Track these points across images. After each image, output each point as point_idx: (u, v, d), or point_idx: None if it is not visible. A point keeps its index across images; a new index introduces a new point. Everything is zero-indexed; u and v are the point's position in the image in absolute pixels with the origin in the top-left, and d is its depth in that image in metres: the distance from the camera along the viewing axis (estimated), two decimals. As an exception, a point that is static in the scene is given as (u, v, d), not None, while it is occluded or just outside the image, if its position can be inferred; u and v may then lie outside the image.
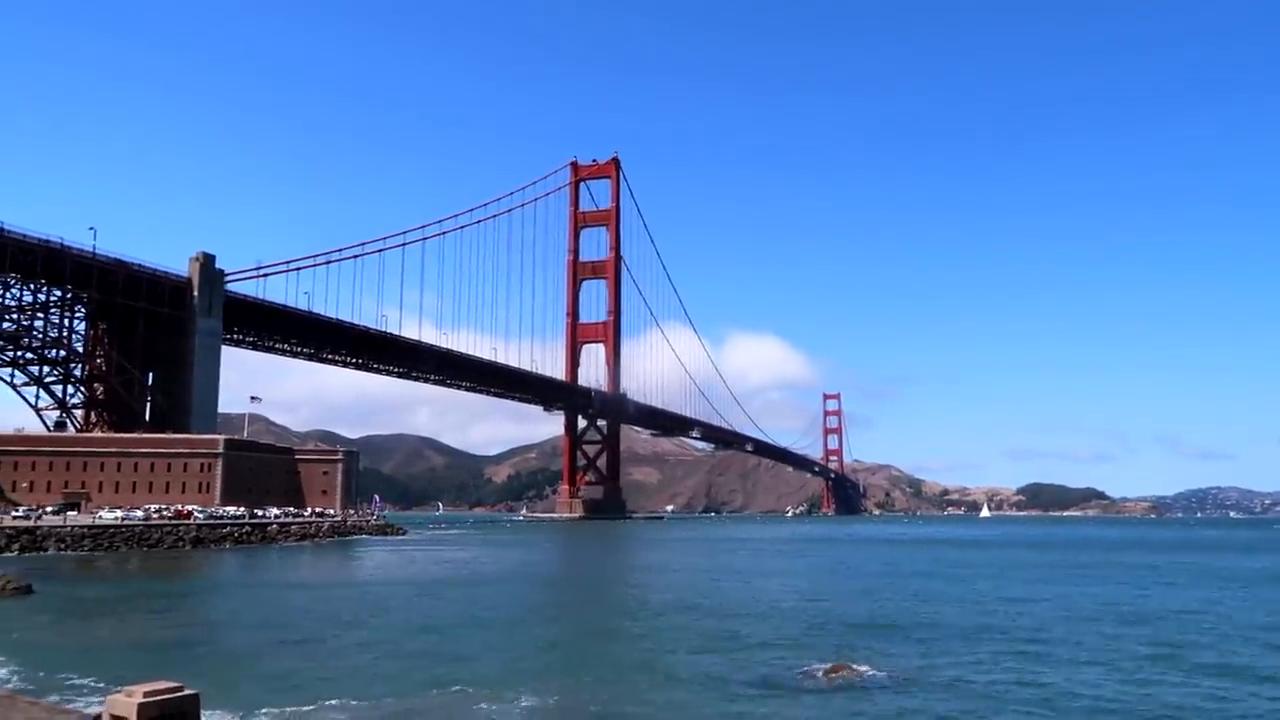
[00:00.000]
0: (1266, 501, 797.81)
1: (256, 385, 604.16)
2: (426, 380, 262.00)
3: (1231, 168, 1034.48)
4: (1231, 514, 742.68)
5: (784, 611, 54.16)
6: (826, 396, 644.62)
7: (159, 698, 14.92)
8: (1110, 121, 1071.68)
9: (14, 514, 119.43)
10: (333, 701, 29.09)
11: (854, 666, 34.44)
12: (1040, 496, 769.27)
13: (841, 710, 28.65)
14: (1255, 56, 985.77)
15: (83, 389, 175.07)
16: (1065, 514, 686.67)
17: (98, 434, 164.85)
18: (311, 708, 28.29)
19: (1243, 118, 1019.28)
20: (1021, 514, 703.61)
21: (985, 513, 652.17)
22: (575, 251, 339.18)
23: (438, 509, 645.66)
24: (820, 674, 33.63)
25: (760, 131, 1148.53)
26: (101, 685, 29.07)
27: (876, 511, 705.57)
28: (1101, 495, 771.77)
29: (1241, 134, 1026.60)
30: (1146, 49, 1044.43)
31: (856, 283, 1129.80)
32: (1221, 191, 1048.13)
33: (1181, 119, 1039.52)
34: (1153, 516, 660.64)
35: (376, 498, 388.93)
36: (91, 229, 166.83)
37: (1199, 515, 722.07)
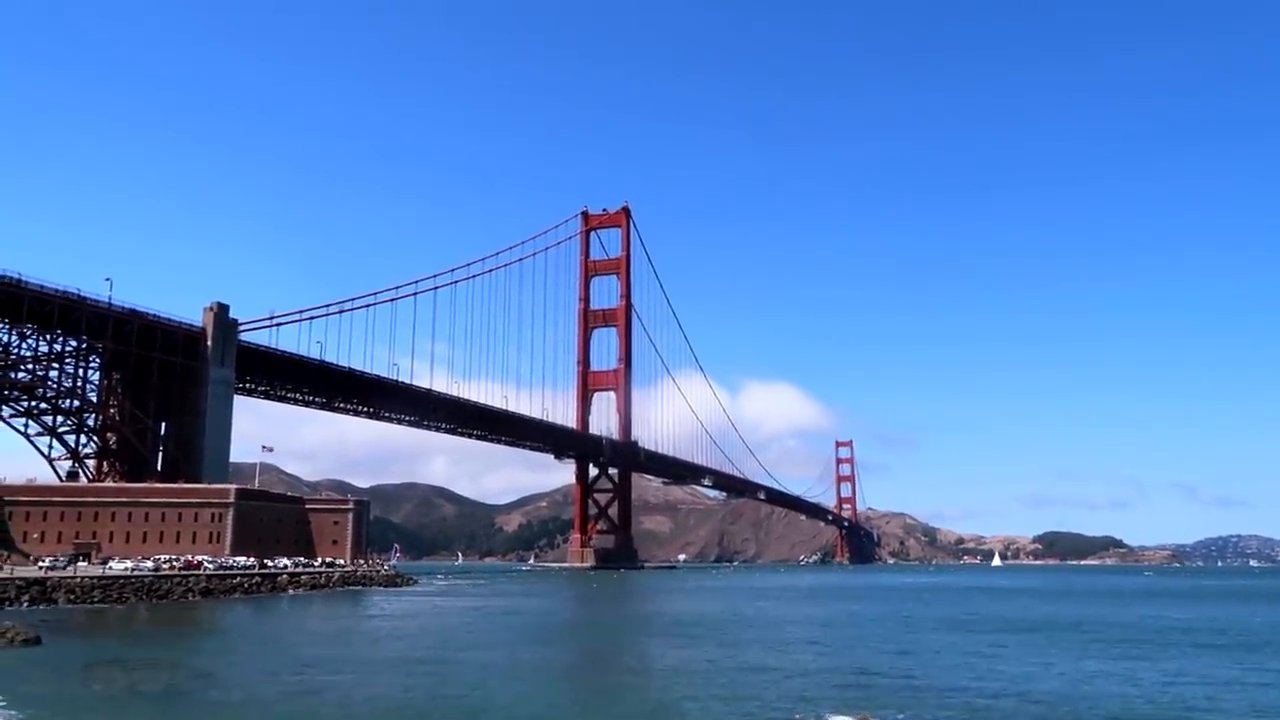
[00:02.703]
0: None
1: (274, 434, 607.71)
2: (438, 429, 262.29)
3: (1243, 215, 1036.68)
4: (1252, 562, 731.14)
5: (802, 661, 53.33)
6: (839, 444, 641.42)
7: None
8: (1123, 168, 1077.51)
9: (42, 564, 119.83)
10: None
11: (870, 718, 33.84)
12: (1057, 545, 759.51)
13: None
14: None
15: (96, 439, 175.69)
16: (1083, 563, 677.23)
17: (109, 484, 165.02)
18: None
19: (1256, 159, 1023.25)
20: (1038, 563, 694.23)
21: (997, 561, 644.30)
22: (586, 300, 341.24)
23: (457, 558, 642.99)
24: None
25: (773, 180, 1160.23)
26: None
27: (891, 560, 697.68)
28: (1119, 543, 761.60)
29: (1253, 179, 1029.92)
30: (1173, 90, 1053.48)
31: (872, 331, 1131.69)
32: (1240, 238, 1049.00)
33: (1200, 163, 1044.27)
34: (1175, 565, 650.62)
35: (396, 547, 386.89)
36: (108, 279, 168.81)
37: (1220, 564, 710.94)
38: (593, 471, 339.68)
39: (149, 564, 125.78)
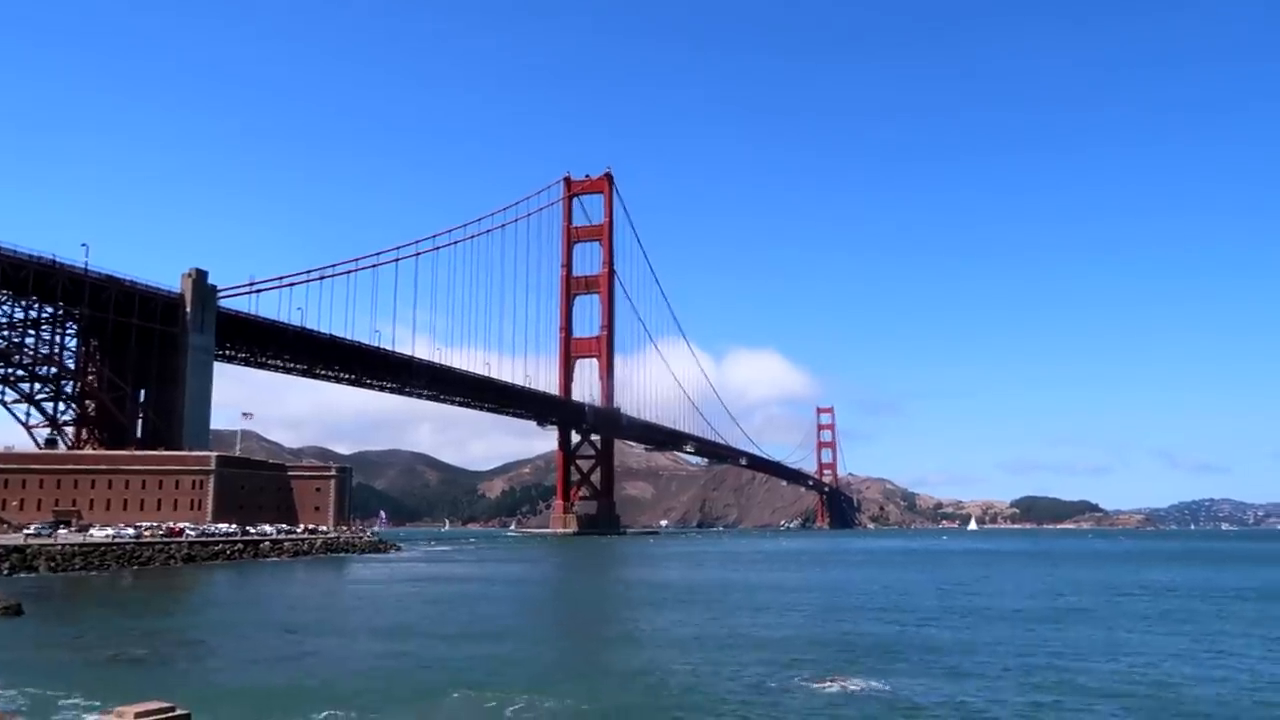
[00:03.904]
0: (1259, 514, 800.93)
1: (260, 402, 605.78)
2: (420, 396, 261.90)
3: (1224, 182, 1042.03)
4: (1224, 526, 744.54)
5: (784, 627, 54.15)
6: (820, 410, 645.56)
7: (151, 718, 14.98)
8: (1102, 135, 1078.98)
9: (27, 531, 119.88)
10: (324, 716, 29.03)
11: (849, 681, 34.52)
12: (1034, 509, 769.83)
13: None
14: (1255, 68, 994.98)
15: (74, 406, 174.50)
16: (1059, 526, 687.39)
17: (88, 451, 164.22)
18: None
19: (1239, 130, 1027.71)
20: (1015, 527, 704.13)
21: (973, 526, 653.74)
22: (568, 266, 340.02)
23: (444, 525, 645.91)
24: (814, 686, 33.73)
25: (757, 148, 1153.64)
26: (93, 705, 28.93)
27: (870, 525, 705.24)
28: (1095, 508, 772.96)
29: (1236, 148, 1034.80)
30: (1137, 61, 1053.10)
31: (857, 298, 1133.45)
32: (1214, 206, 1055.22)
33: (1175, 132, 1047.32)
34: (1150, 529, 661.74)
35: (382, 514, 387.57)
36: (84, 245, 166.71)
37: (1192, 527, 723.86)
38: (575, 438, 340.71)
39: (130, 531, 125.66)
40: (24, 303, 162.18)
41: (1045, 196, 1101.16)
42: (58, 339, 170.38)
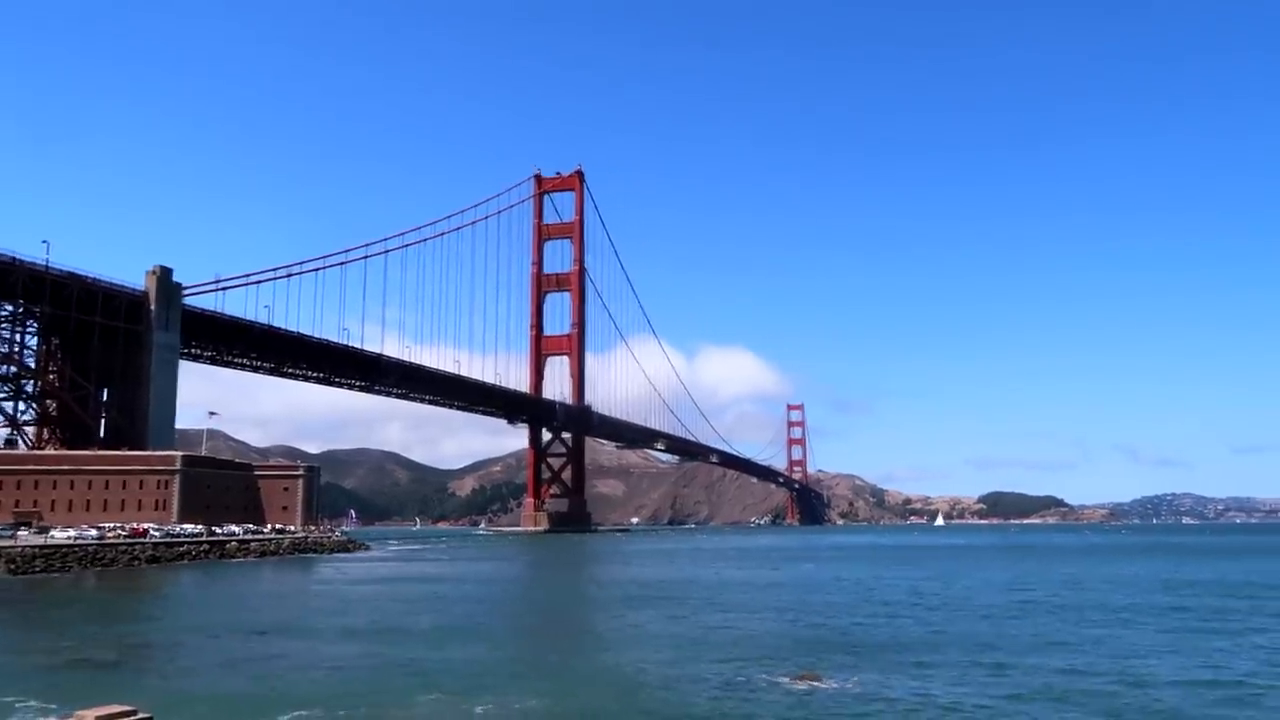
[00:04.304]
0: (1219, 508, 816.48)
1: (229, 400, 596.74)
2: (389, 394, 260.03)
3: (1183, 180, 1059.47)
4: (1185, 520, 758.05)
5: (755, 623, 54.36)
6: (790, 408, 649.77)
7: (111, 721, 14.70)
8: (1064, 133, 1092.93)
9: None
10: (289, 717, 28.72)
11: (820, 678, 34.69)
12: (1001, 505, 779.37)
13: (800, 717, 28.89)
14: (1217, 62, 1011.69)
15: (35, 405, 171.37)
16: (1025, 521, 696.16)
17: (50, 451, 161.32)
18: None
19: (1206, 126, 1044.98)
20: (981, 522, 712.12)
21: (940, 521, 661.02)
22: (539, 264, 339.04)
23: (415, 524, 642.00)
24: (786, 683, 33.88)
25: (729, 146, 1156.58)
26: (54, 709, 28.40)
27: (840, 521, 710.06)
28: (1060, 503, 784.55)
29: (1201, 144, 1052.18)
30: (1110, 55, 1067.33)
31: (827, 296, 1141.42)
32: (1174, 203, 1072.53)
33: (1139, 128, 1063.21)
34: (1114, 523, 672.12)
35: (352, 513, 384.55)
36: (45, 242, 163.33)
37: (1154, 521, 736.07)
38: (546, 436, 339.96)
39: (93, 533, 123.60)
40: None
41: (1009, 194, 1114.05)
42: (18, 337, 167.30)
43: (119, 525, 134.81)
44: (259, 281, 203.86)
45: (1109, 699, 31.69)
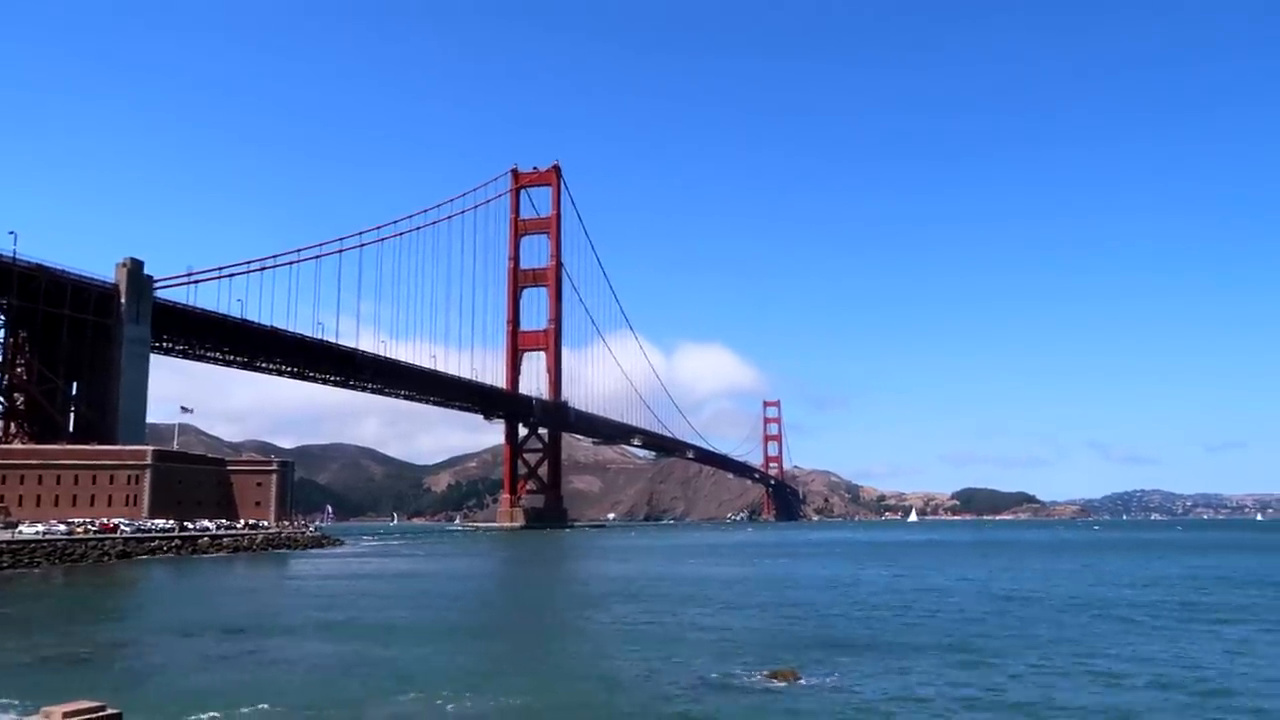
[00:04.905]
0: (1187, 504, 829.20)
1: (203, 395, 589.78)
2: (364, 389, 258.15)
3: (1157, 181, 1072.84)
4: (1154, 516, 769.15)
5: (728, 618, 54.42)
6: (766, 404, 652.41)
7: (81, 718, 14.43)
8: (1045, 135, 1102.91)
9: None
10: (259, 712, 28.39)
11: (798, 674, 34.74)
12: (974, 501, 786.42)
13: (777, 713, 28.88)
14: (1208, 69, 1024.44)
15: (1, 400, 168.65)
16: (998, 518, 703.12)
17: (17, 446, 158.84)
18: (243, 725, 27.59)
19: (1185, 129, 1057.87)
20: (955, 518, 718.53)
21: (913, 517, 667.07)
22: (516, 259, 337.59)
23: (393, 519, 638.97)
24: (763, 679, 33.90)
25: (706, 144, 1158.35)
26: (22, 705, 27.91)
27: (815, 517, 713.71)
28: (1032, 499, 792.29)
29: (1179, 146, 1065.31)
30: (1092, 61, 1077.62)
31: (804, 294, 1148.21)
32: (1146, 205, 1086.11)
33: (1118, 131, 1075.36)
34: (1085, 519, 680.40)
35: (328, 508, 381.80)
36: (12, 233, 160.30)
37: (1124, 517, 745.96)
38: (522, 431, 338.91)
39: (62, 528, 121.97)
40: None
41: (984, 193, 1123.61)
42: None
43: (89, 521, 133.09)
44: (232, 275, 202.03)
45: (1086, 693, 31.97)
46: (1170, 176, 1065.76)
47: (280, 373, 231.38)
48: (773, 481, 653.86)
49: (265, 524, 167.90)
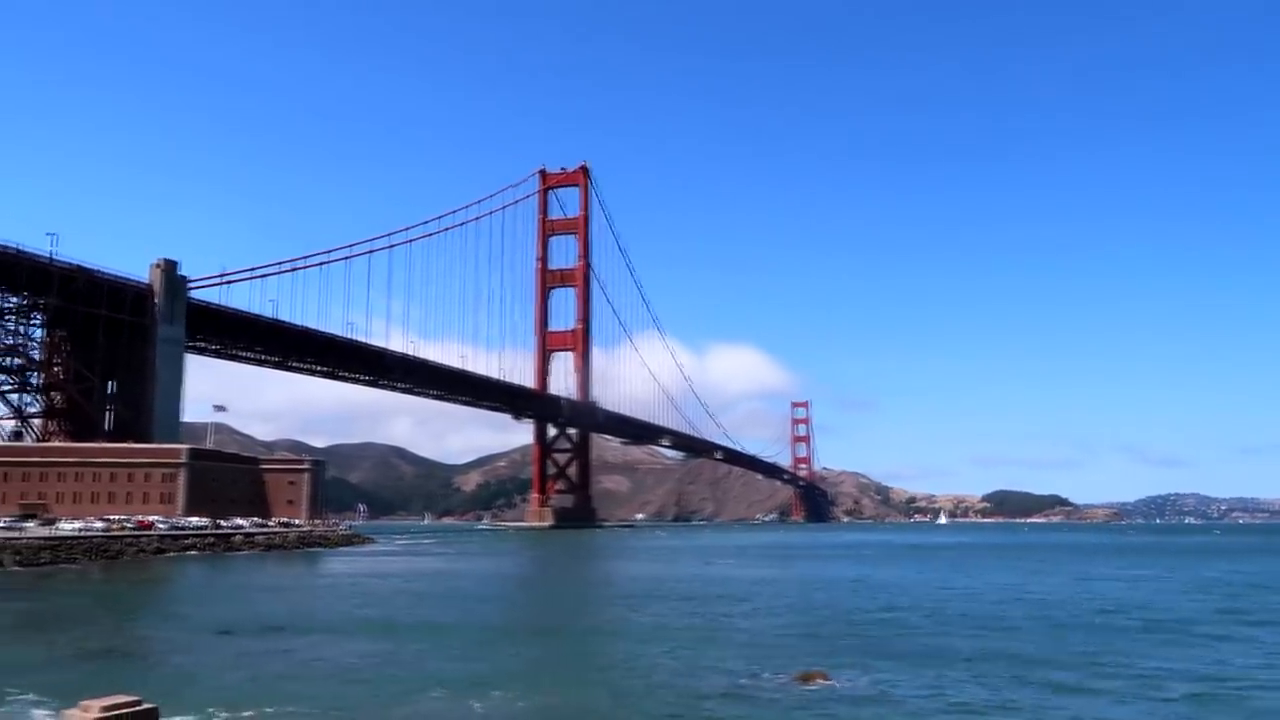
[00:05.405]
0: (1223, 507, 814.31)
1: (236, 395, 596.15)
2: (394, 388, 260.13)
3: (1188, 185, 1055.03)
4: (1189, 520, 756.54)
5: (759, 619, 54.13)
6: (795, 405, 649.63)
7: (116, 712, 14.52)
8: (1071, 138, 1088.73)
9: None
10: (292, 711, 28.58)
11: (829, 676, 34.43)
12: (1005, 503, 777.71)
13: (808, 715, 28.62)
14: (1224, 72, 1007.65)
15: (40, 398, 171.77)
16: (1029, 520, 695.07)
17: (56, 444, 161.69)
18: (272, 717, 27.81)
19: (1212, 135, 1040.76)
20: (985, 520, 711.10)
21: (943, 519, 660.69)
22: (544, 259, 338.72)
23: (424, 518, 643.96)
24: (794, 681, 33.62)
25: (736, 144, 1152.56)
26: (60, 700, 28.28)
27: (845, 519, 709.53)
28: (1065, 502, 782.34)
29: (1205, 153, 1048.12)
30: (1124, 64, 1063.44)
31: (834, 295, 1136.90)
32: (1179, 208, 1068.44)
33: (1146, 135, 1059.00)
34: (1118, 522, 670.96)
35: (361, 507, 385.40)
36: (50, 235, 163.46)
37: (1158, 521, 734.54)
38: (551, 432, 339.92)
39: (99, 525, 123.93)
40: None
41: (1015, 197, 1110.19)
42: (23, 330, 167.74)
43: (125, 518, 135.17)
44: (264, 275, 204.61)
45: (1127, 705, 31.40)
46: (1205, 182, 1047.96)
47: (312, 372, 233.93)
48: (802, 482, 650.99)
49: (297, 522, 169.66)
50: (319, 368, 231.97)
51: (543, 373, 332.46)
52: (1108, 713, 29.27)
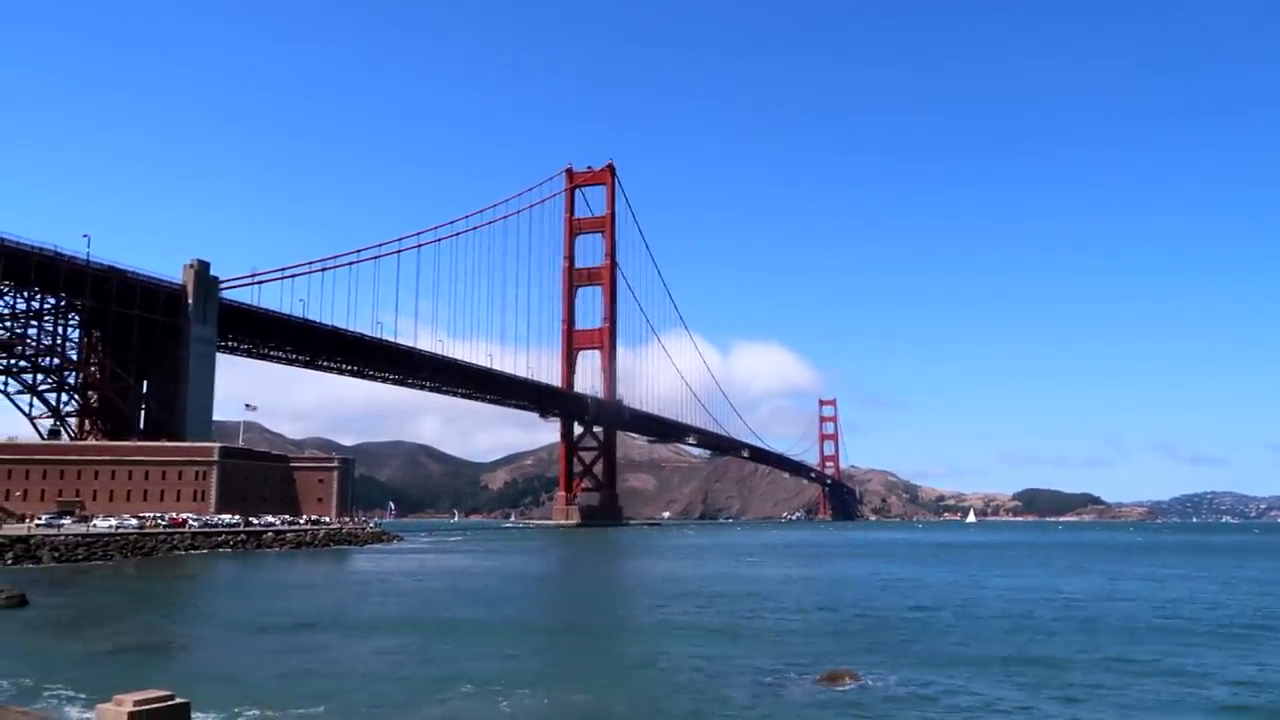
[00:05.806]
0: (1261, 506, 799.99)
1: (267, 393, 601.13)
2: (422, 387, 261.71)
3: (1220, 181, 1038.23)
4: (1226, 519, 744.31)
5: (786, 618, 53.87)
6: (822, 403, 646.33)
7: (149, 706, 14.66)
8: (1099, 133, 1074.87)
9: (38, 521, 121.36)
10: (322, 708, 28.80)
11: (856, 675, 34.19)
12: (1036, 502, 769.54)
13: (836, 714, 28.42)
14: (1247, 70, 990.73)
15: (77, 397, 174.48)
16: (1061, 519, 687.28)
17: (92, 442, 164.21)
18: (302, 713, 28.00)
19: (1235, 131, 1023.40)
20: (1017, 519, 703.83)
21: (971, 518, 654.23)
22: (570, 258, 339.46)
23: (453, 516, 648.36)
24: (821, 681, 33.41)
25: (763, 143, 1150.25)
26: (94, 694, 28.69)
27: (873, 517, 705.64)
28: (1097, 500, 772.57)
29: (1230, 149, 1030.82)
30: (1137, 61, 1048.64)
31: (861, 293, 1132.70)
32: (1214, 201, 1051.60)
33: (1169, 132, 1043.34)
34: (1152, 521, 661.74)
35: (391, 505, 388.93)
36: (85, 236, 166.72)
37: (1194, 520, 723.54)
38: (578, 430, 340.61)
39: (133, 522, 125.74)
40: (26, 294, 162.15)
41: (1046, 193, 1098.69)
42: (60, 330, 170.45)
43: (159, 515, 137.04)
44: (294, 275, 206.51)
45: (1164, 710, 30.92)
46: (1235, 178, 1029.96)
47: (341, 371, 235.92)
48: (829, 481, 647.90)
49: (327, 520, 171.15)
50: (348, 367, 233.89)
51: (569, 371, 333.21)
52: (1144, 718, 28.80)
